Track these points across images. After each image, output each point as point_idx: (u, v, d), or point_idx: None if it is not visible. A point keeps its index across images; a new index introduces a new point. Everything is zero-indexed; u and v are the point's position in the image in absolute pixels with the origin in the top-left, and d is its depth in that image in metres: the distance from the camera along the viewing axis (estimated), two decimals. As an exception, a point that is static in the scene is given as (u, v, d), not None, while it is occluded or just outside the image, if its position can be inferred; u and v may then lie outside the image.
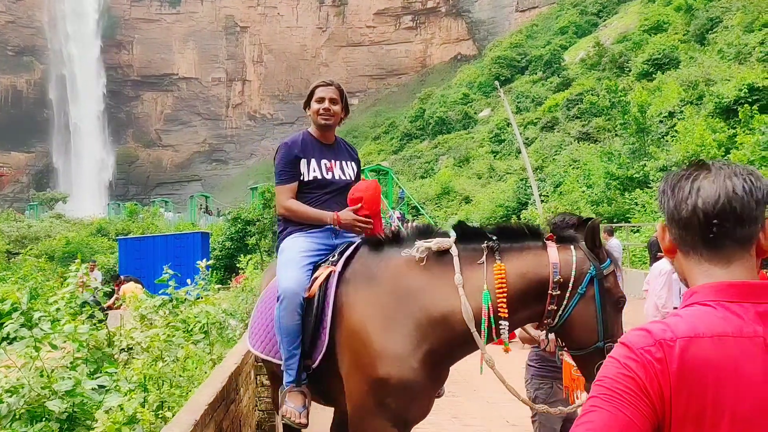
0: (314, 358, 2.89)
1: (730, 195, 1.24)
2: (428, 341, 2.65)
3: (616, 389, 1.18)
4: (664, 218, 1.35)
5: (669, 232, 1.35)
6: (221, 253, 24.26)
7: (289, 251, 3.20)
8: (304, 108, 3.56)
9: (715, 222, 1.25)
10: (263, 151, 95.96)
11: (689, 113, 22.66)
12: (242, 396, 4.00)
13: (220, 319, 7.64)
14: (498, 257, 2.70)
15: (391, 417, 2.68)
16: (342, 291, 2.89)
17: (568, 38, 67.08)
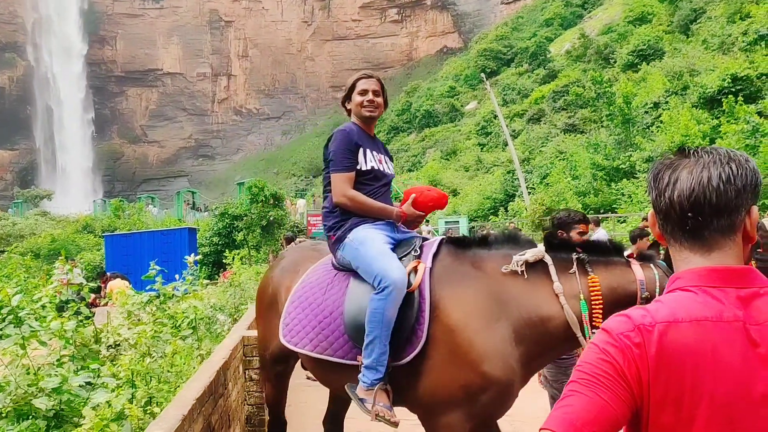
0: (408, 353, 2.84)
1: (705, 186, 1.23)
2: (525, 343, 2.75)
3: (595, 374, 1.18)
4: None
5: (656, 220, 1.35)
6: (209, 248, 24.11)
7: (373, 241, 3.09)
8: (343, 103, 3.43)
9: (689, 215, 1.25)
10: (250, 147, 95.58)
11: (674, 104, 22.81)
12: (231, 390, 3.98)
13: (208, 314, 7.62)
14: (590, 269, 2.82)
15: (475, 412, 2.77)
16: (434, 287, 2.90)
17: (554, 30, 67.29)
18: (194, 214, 42.59)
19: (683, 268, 1.29)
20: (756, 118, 15.93)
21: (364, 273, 3.02)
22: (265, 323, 3.59)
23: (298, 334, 3.16)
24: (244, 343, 4.75)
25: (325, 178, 3.31)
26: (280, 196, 24.64)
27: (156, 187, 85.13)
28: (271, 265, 3.79)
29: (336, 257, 3.23)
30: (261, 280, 3.81)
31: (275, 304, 3.48)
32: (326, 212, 3.29)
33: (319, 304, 3.15)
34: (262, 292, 3.68)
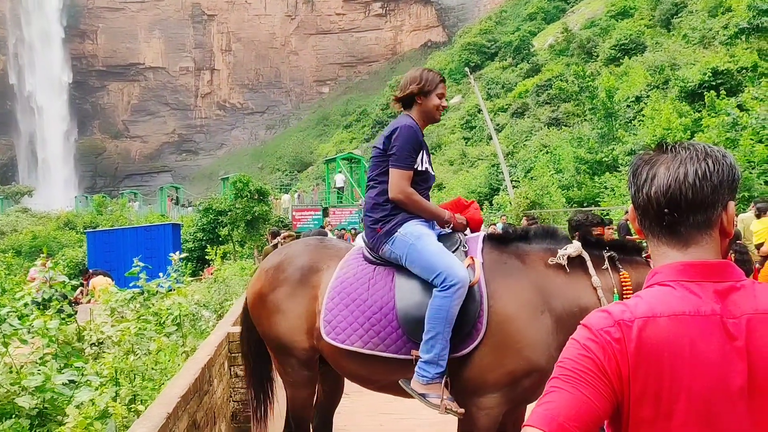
0: (467, 345, 2.95)
1: (681, 183, 1.24)
2: (564, 332, 2.83)
3: (576, 370, 1.20)
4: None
5: (635, 215, 1.37)
6: (193, 244, 24.00)
7: (429, 237, 3.15)
8: (416, 96, 3.31)
9: (666, 211, 1.26)
10: (234, 141, 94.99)
11: (655, 97, 23.00)
12: (216, 387, 3.97)
13: (192, 311, 7.59)
14: (620, 266, 3.02)
15: (514, 396, 2.97)
16: (487, 281, 3.03)
17: (537, 24, 67.45)
18: (178, 209, 42.30)
19: (661, 263, 1.30)
20: (736, 111, 16.10)
21: (422, 269, 3.04)
22: (282, 323, 3.35)
23: (344, 331, 3.13)
24: (229, 339, 4.73)
25: (374, 168, 3.29)
26: (265, 191, 24.55)
27: (139, 183, 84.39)
28: (278, 265, 3.43)
29: (381, 250, 3.20)
30: (266, 280, 3.44)
31: (296, 305, 3.33)
32: (374, 204, 3.25)
33: (365, 300, 3.13)
34: (270, 292, 3.40)
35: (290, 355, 3.35)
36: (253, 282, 3.58)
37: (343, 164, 32.12)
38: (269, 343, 3.46)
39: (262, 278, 3.46)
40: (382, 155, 3.24)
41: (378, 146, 3.28)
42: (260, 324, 3.46)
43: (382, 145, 3.24)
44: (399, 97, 3.35)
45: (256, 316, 3.50)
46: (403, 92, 3.31)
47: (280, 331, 3.34)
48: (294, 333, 3.30)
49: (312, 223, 25.10)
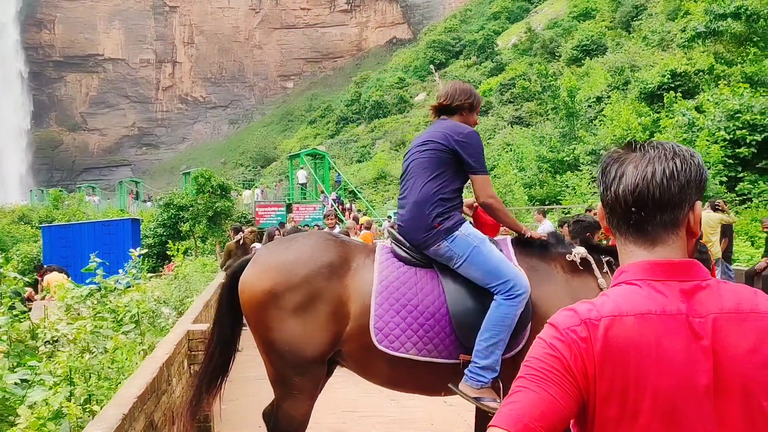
0: (514, 348, 3.02)
1: (648, 182, 1.24)
2: None
3: (542, 369, 1.19)
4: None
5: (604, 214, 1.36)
6: (153, 240, 23.59)
7: (490, 243, 3.19)
8: (464, 109, 3.44)
9: (633, 209, 1.26)
10: (196, 136, 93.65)
11: (616, 98, 23.42)
12: (175, 387, 3.88)
13: (151, 307, 7.44)
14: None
15: None
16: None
17: (501, 23, 68.09)
18: (138, 204, 41.50)
19: (628, 261, 1.30)
20: (693, 113, 16.48)
21: (486, 273, 3.05)
22: (298, 326, 3.05)
23: (398, 339, 3.01)
24: (189, 337, 4.64)
25: (432, 162, 3.22)
26: (228, 186, 24.25)
27: (97, 177, 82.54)
28: (295, 261, 3.12)
29: (434, 247, 3.13)
30: (281, 278, 3.09)
31: (322, 306, 3.06)
32: (440, 198, 3.17)
33: (416, 306, 3.05)
34: (287, 291, 3.06)
35: (301, 364, 3.06)
36: (255, 279, 3.13)
37: (307, 160, 31.89)
38: (274, 350, 3.08)
39: (274, 275, 3.09)
40: (444, 150, 3.20)
41: (437, 140, 3.23)
42: (267, 328, 3.07)
43: (445, 141, 3.21)
44: (446, 104, 3.41)
45: (261, 319, 3.08)
46: (451, 101, 3.39)
47: (296, 336, 3.03)
48: (314, 339, 3.04)
49: (275, 219, 24.88)
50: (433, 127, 3.38)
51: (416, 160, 3.27)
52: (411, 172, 3.28)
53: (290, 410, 3.13)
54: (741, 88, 15.87)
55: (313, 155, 33.32)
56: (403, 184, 3.36)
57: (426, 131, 3.40)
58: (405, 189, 3.31)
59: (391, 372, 3.12)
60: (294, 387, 3.10)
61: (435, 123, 3.44)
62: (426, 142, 3.26)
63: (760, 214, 13.03)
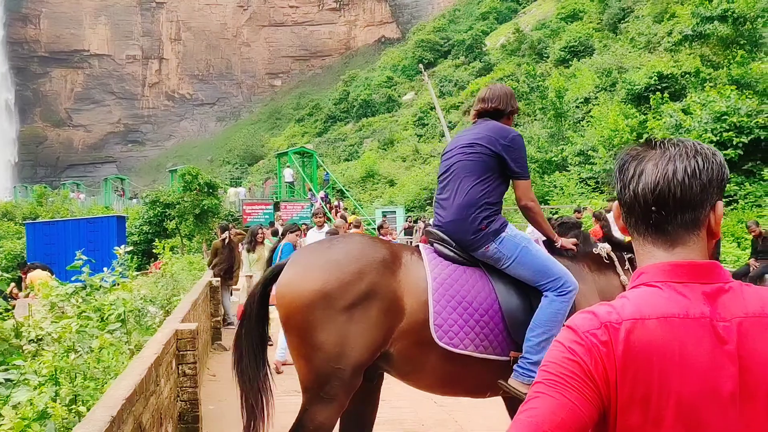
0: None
1: (669, 180, 1.20)
2: None
3: (561, 374, 1.14)
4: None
5: (620, 212, 1.32)
6: (139, 237, 23.40)
7: (533, 242, 3.28)
8: (508, 113, 3.52)
9: (653, 209, 1.22)
10: (183, 133, 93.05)
11: (603, 99, 23.53)
12: (163, 387, 3.81)
13: (138, 306, 7.35)
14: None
15: None
16: None
17: (489, 24, 68.23)
18: (123, 201, 41.15)
19: (647, 262, 1.26)
20: (680, 115, 16.58)
21: (536, 272, 3.12)
22: (349, 325, 2.92)
23: (457, 335, 3.02)
24: (177, 336, 4.56)
25: (479, 166, 3.25)
26: (215, 184, 24.08)
27: (82, 174, 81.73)
28: (346, 260, 3.02)
29: (483, 248, 3.16)
30: (333, 277, 2.95)
31: (375, 303, 2.96)
32: (486, 202, 3.21)
33: (471, 303, 3.08)
34: (339, 289, 2.93)
35: (345, 367, 2.93)
36: (301, 279, 3.00)
37: (295, 158, 31.76)
38: (319, 352, 2.92)
39: (322, 273, 2.97)
40: (490, 154, 3.23)
41: (484, 144, 3.26)
42: (314, 328, 2.91)
43: (491, 145, 3.24)
44: (500, 108, 3.44)
45: (308, 320, 2.92)
46: (505, 106, 3.45)
47: (345, 336, 2.91)
48: (365, 338, 2.94)
49: (263, 218, 24.76)
50: (477, 129, 3.39)
51: (461, 162, 3.27)
52: (455, 174, 3.28)
53: (319, 416, 2.97)
54: (728, 90, 15.98)
55: (301, 153, 33.19)
56: (444, 184, 3.34)
57: (469, 132, 3.41)
58: (448, 190, 3.30)
59: (445, 371, 3.10)
60: (330, 391, 2.96)
61: (478, 124, 3.46)
62: (472, 144, 3.27)
63: (746, 215, 13.13)
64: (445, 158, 3.45)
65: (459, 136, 3.48)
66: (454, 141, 3.46)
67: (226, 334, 9.36)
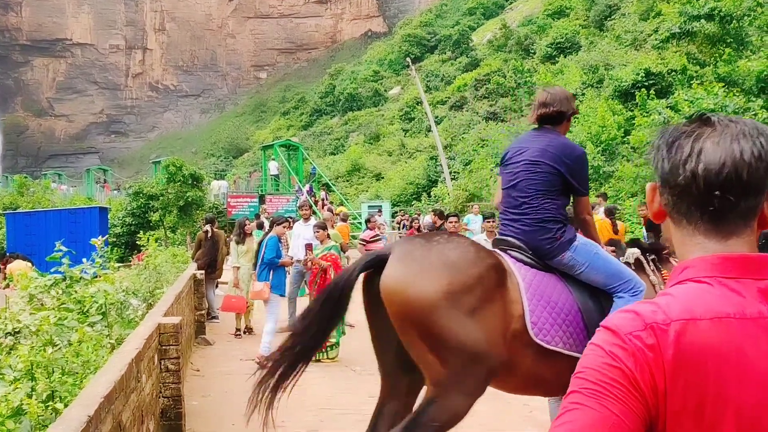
0: None
1: (737, 161, 1.05)
2: None
3: (601, 382, 1.00)
4: (656, 178, 1.17)
5: (660, 195, 1.16)
6: (122, 229, 23.10)
7: (601, 248, 3.51)
8: (569, 116, 3.58)
9: (717, 193, 1.07)
10: (166, 124, 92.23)
11: (590, 96, 23.53)
12: (145, 384, 3.65)
13: (119, 298, 7.16)
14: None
15: None
16: None
17: (476, 19, 68.22)
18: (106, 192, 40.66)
19: (694, 255, 1.11)
20: (667, 112, 16.58)
21: (610, 276, 3.34)
22: (476, 325, 2.98)
23: (549, 333, 3.15)
24: (160, 331, 4.40)
25: (549, 179, 3.37)
26: (199, 176, 23.80)
27: (64, 164, 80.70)
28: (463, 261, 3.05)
29: (560, 257, 3.33)
30: (455, 278, 2.97)
31: (493, 306, 3.04)
32: (559, 214, 3.40)
33: (556, 303, 3.22)
34: (463, 290, 2.98)
35: (481, 363, 2.99)
36: (422, 279, 2.99)
37: (280, 151, 31.49)
38: (454, 351, 2.96)
39: (446, 274, 3.00)
40: (556, 173, 3.37)
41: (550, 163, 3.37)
42: (442, 328, 2.93)
43: (558, 165, 3.36)
44: (557, 111, 3.48)
45: (434, 320, 2.94)
46: (566, 110, 3.50)
47: (478, 336, 2.97)
48: (493, 337, 3.01)
49: (248, 210, 24.52)
50: (542, 141, 3.44)
51: (529, 180, 3.38)
52: (525, 191, 3.40)
53: (454, 405, 2.99)
54: (715, 87, 16.00)
55: (287, 146, 32.93)
56: (515, 200, 3.45)
57: (534, 143, 3.45)
58: (520, 205, 3.42)
59: (535, 371, 3.20)
60: (468, 386, 3.01)
61: (541, 134, 3.50)
62: (537, 163, 3.37)
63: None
64: (509, 169, 3.52)
65: (522, 143, 3.54)
66: (518, 149, 3.51)
67: (210, 328, 9.20)
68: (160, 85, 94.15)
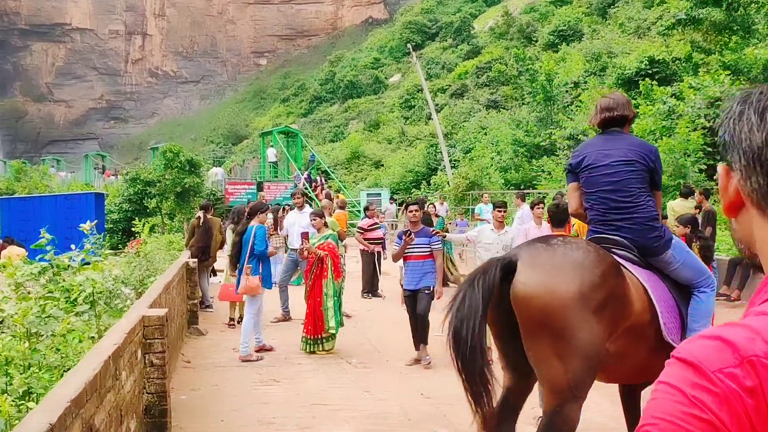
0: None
1: None
2: None
3: None
4: (730, 157, 0.87)
5: (742, 177, 0.86)
6: (118, 215, 22.87)
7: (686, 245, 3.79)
8: (634, 115, 3.81)
9: None
10: (166, 110, 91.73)
11: (593, 84, 23.23)
12: (125, 381, 3.43)
13: (109, 287, 6.96)
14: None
15: None
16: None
17: (478, 6, 67.64)
18: (103, 178, 40.39)
19: None
20: (672, 101, 16.30)
21: (697, 272, 3.51)
22: (600, 325, 3.09)
23: (673, 331, 3.34)
24: (144, 323, 4.18)
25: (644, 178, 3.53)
26: (197, 162, 23.52)
27: (63, 150, 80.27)
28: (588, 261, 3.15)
29: (662, 254, 3.47)
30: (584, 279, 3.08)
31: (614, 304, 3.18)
32: (657, 214, 3.58)
33: (668, 300, 3.40)
34: (592, 291, 3.08)
35: (595, 366, 3.11)
36: (555, 281, 3.06)
37: (279, 138, 31.14)
38: (576, 352, 3.02)
39: (577, 275, 3.08)
40: (648, 170, 3.55)
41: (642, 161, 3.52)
42: (576, 329, 3.01)
43: (648, 162, 3.53)
44: (621, 115, 3.62)
45: (568, 322, 3.02)
46: (624, 112, 3.64)
47: (598, 335, 3.06)
48: (608, 333, 3.14)
49: (245, 198, 24.28)
50: (621, 143, 3.58)
51: (629, 180, 3.50)
52: (628, 191, 3.49)
53: (573, 415, 3.09)
54: (722, 75, 15.70)
55: (286, 133, 32.60)
56: (617, 200, 3.51)
57: (615, 145, 3.58)
58: (628, 206, 3.50)
59: (646, 363, 3.32)
60: (583, 389, 3.12)
61: (615, 136, 3.63)
62: (632, 162, 3.50)
63: (737, 203, 12.94)
64: (598, 172, 3.57)
65: (601, 147, 3.61)
66: (600, 153, 3.59)
67: (204, 318, 8.99)
68: (159, 71, 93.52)
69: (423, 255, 6.79)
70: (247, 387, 5.86)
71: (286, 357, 7.03)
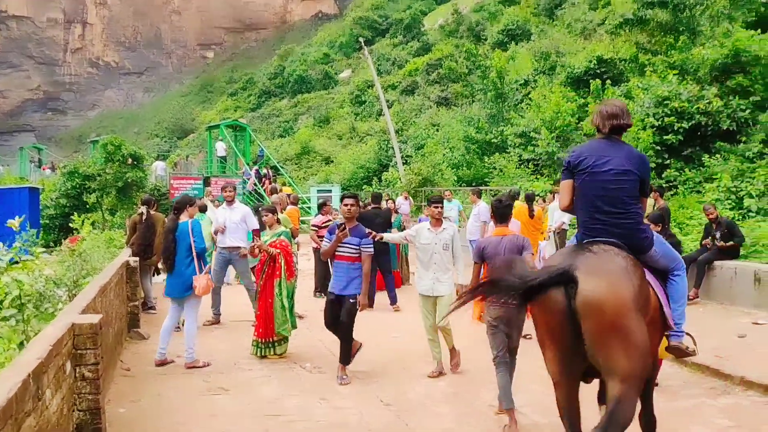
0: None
1: None
2: None
3: None
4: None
5: None
6: (55, 211, 21.77)
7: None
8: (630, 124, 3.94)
9: None
10: (107, 102, 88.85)
11: (542, 82, 23.38)
12: (50, 400, 3.00)
13: (39, 289, 6.41)
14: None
15: None
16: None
17: (428, 4, 67.95)
18: (39, 172, 38.65)
19: None
20: (621, 100, 16.44)
21: (671, 260, 3.87)
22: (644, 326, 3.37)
23: (672, 318, 3.78)
24: (74, 332, 3.72)
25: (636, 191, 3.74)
26: (140, 156, 22.60)
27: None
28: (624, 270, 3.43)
29: (650, 250, 3.75)
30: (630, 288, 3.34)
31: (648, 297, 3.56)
32: (642, 216, 3.82)
33: (663, 291, 3.78)
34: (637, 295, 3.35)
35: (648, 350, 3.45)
36: (617, 287, 3.32)
37: (227, 132, 30.31)
38: (638, 349, 3.29)
39: (630, 281, 3.39)
40: (640, 180, 3.75)
41: (636, 172, 3.72)
42: (636, 329, 3.30)
43: (640, 173, 3.75)
44: (626, 123, 3.82)
45: (633, 322, 3.30)
46: (629, 121, 3.85)
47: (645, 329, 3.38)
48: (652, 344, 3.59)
49: (192, 193, 23.47)
50: (619, 151, 3.76)
51: (622, 189, 3.69)
52: (621, 199, 3.70)
53: (636, 398, 3.46)
54: (670, 74, 15.91)
55: (234, 127, 31.75)
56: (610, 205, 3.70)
57: (613, 152, 3.75)
58: (620, 211, 3.71)
59: (656, 346, 3.76)
60: (643, 378, 3.52)
61: (615, 144, 3.80)
62: (627, 172, 3.70)
63: (687, 201, 13.06)
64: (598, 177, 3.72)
65: (600, 152, 3.76)
66: (599, 158, 3.74)
67: (146, 320, 8.45)
68: (100, 61, 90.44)
69: (351, 256, 6.03)
70: (194, 397, 5.43)
71: (236, 363, 6.59)
